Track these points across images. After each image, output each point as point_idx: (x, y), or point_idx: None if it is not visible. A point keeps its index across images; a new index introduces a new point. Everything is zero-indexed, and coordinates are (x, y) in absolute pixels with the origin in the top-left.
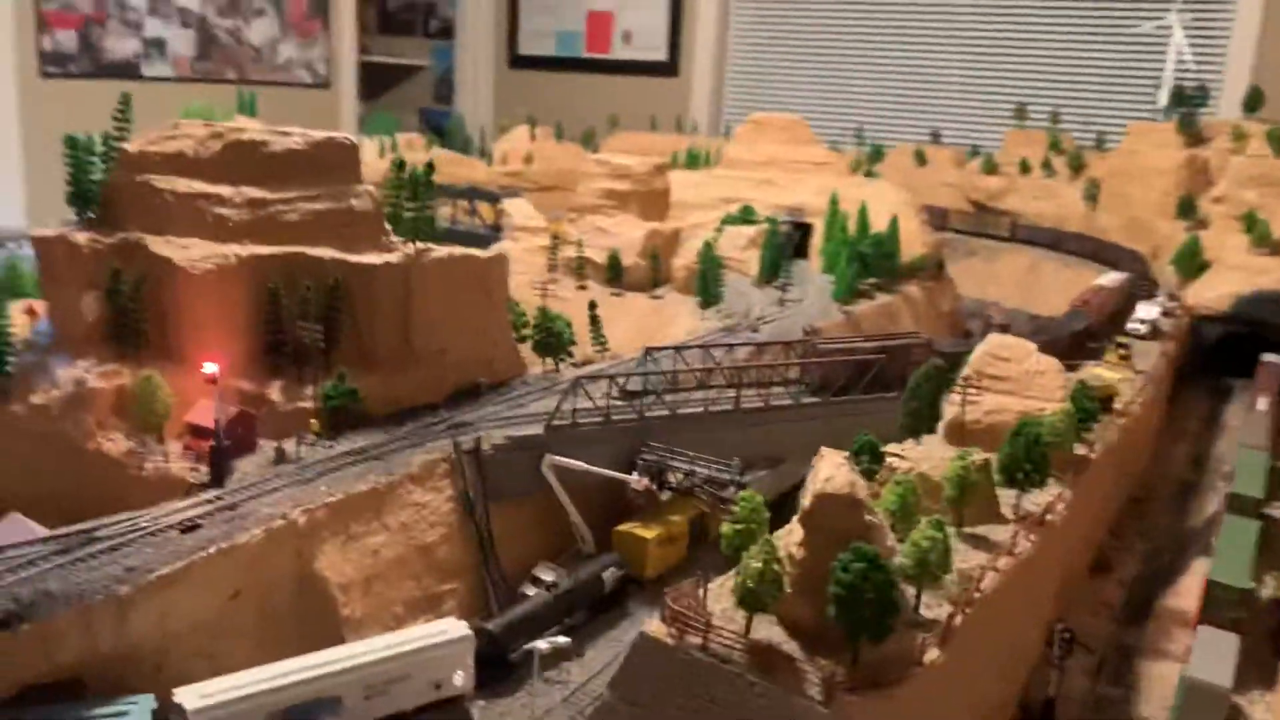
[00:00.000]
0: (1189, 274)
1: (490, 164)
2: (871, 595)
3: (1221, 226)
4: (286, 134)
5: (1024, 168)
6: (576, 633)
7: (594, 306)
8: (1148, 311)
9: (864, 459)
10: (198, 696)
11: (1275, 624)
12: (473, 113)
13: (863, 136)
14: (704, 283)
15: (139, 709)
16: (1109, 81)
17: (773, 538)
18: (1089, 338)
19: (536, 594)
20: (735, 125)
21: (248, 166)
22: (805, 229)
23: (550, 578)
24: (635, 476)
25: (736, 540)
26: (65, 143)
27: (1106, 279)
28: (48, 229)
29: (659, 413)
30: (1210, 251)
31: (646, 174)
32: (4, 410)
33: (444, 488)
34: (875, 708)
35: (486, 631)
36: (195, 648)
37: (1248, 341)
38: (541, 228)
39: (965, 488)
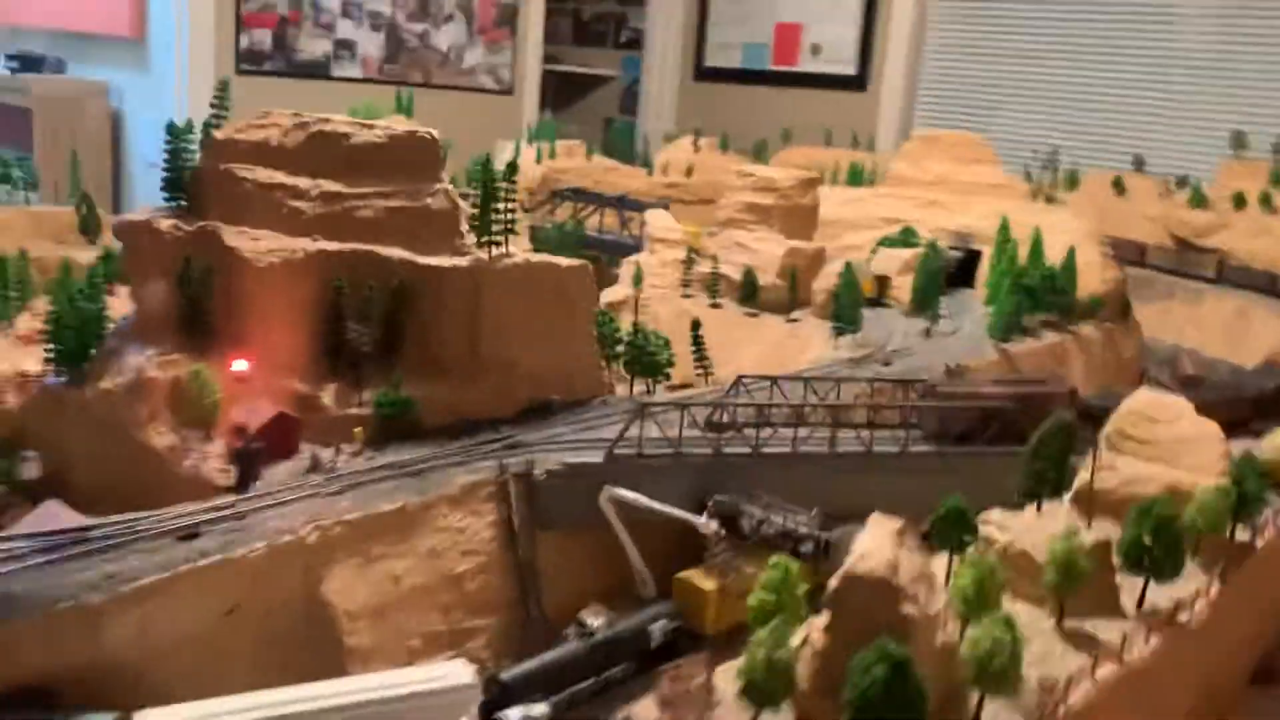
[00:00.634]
0: None
1: (650, 174)
2: (892, 709)
3: None
4: (369, 127)
5: (1239, 202)
6: (613, 690)
7: (697, 326)
8: None
9: (950, 528)
10: None
11: None
12: (654, 124)
13: (1057, 160)
14: (839, 308)
15: None
16: None
17: (802, 614)
18: None
19: (568, 642)
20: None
21: (329, 159)
22: (973, 256)
23: (598, 622)
24: (704, 519)
25: (762, 617)
26: (166, 129)
27: None
28: (135, 214)
29: (738, 449)
30: None
31: (793, 188)
32: (78, 395)
33: (486, 513)
34: None
35: (497, 681)
36: (182, 666)
37: None
38: (679, 240)
39: (1070, 573)
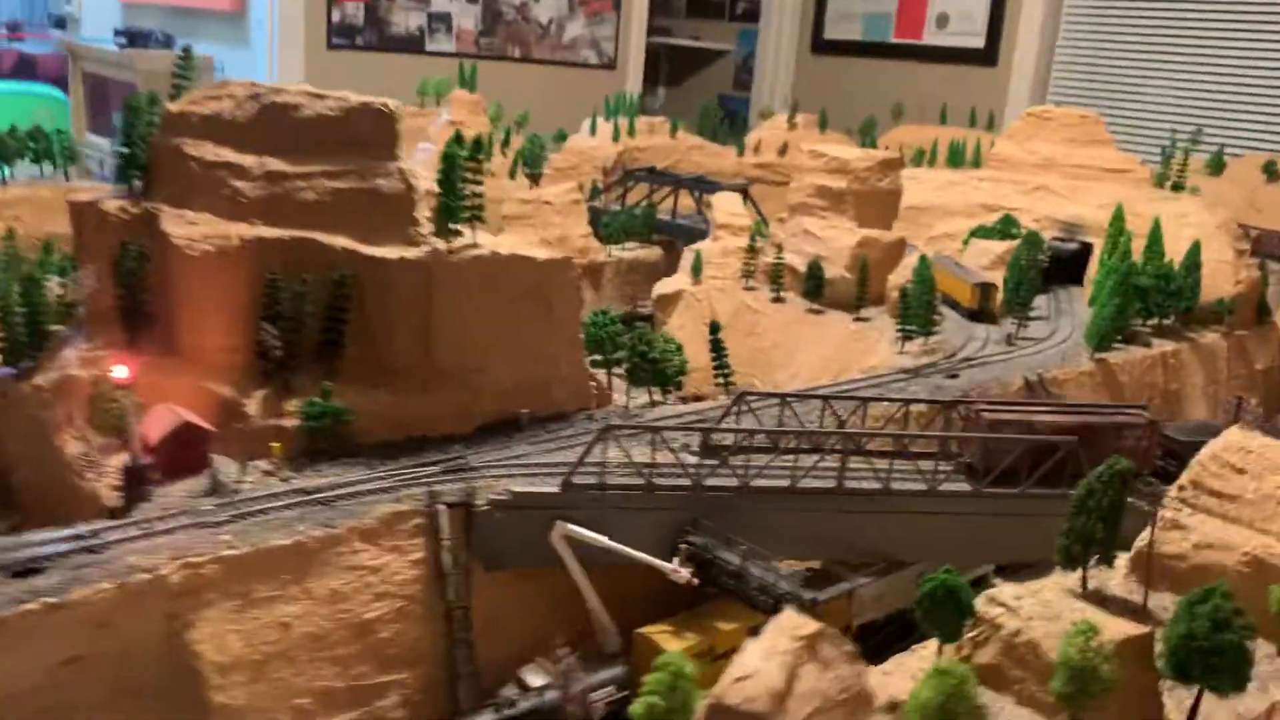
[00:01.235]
0: None
1: (740, 153)
2: None
3: None
4: (321, 98)
5: None
6: None
7: (715, 330)
8: None
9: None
10: None
11: None
12: (769, 99)
13: (1198, 141)
14: (907, 307)
15: None
16: None
17: None
18: None
19: (480, 715)
20: None
21: (278, 133)
22: (1084, 249)
23: (540, 682)
24: (673, 565)
25: None
26: (124, 104)
27: None
28: (85, 193)
29: (722, 481)
30: None
31: (870, 170)
32: (17, 390)
33: (411, 549)
34: None
35: None
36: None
37: None
38: (743, 226)
39: (1085, 680)
